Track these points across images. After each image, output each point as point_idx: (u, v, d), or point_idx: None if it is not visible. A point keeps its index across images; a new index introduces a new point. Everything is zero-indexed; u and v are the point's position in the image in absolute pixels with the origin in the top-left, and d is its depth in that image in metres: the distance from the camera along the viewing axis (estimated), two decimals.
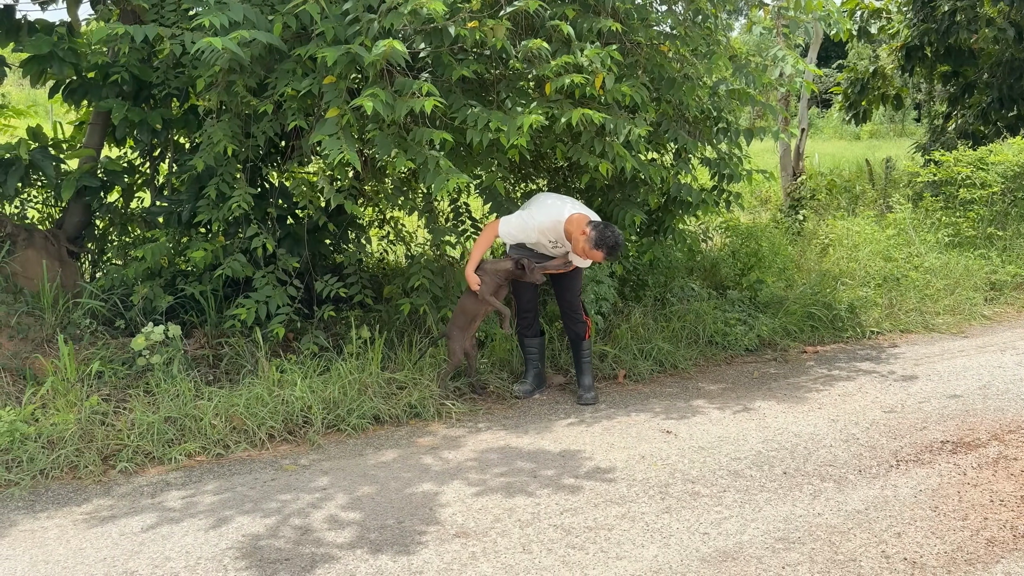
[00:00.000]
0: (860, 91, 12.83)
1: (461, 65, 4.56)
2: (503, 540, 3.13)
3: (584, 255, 4.47)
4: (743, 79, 5.62)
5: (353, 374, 4.56)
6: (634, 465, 3.86)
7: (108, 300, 5.42)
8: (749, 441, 4.16)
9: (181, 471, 3.83)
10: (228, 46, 4.15)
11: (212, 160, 5.01)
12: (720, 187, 6.06)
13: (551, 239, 4.63)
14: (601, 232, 4.36)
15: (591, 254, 4.41)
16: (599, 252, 4.37)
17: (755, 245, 7.31)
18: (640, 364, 5.39)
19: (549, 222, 4.55)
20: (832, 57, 25.32)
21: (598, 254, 4.39)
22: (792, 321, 6.28)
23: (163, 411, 4.13)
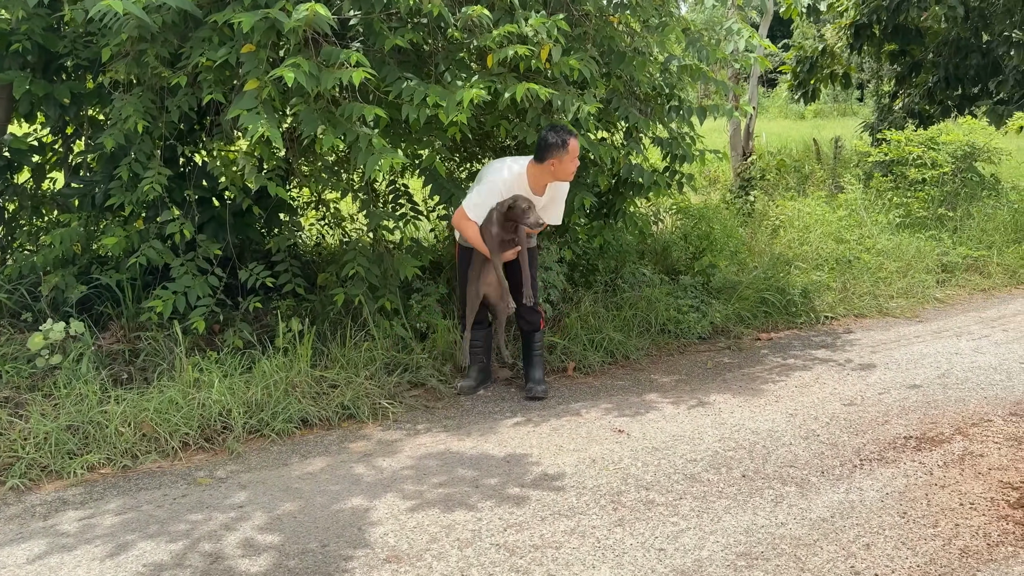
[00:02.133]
0: (809, 70, 12.71)
1: (395, 34, 4.19)
2: (439, 564, 2.82)
3: (567, 169, 4.30)
4: (696, 54, 5.34)
5: (280, 372, 4.19)
6: (584, 470, 3.58)
7: (15, 291, 4.95)
8: (705, 440, 3.91)
9: (81, 486, 3.42)
10: (132, 10, 3.72)
11: (123, 138, 4.56)
12: (672, 168, 5.79)
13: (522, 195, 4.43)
14: (557, 133, 4.24)
15: (570, 161, 4.28)
16: (571, 144, 4.24)
17: (707, 227, 7.09)
18: (590, 355, 5.12)
19: (513, 175, 4.35)
20: (778, 36, 25.35)
21: (573, 148, 4.25)
22: (745, 307, 6.07)
23: (64, 418, 3.72)
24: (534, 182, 4.35)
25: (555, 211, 4.55)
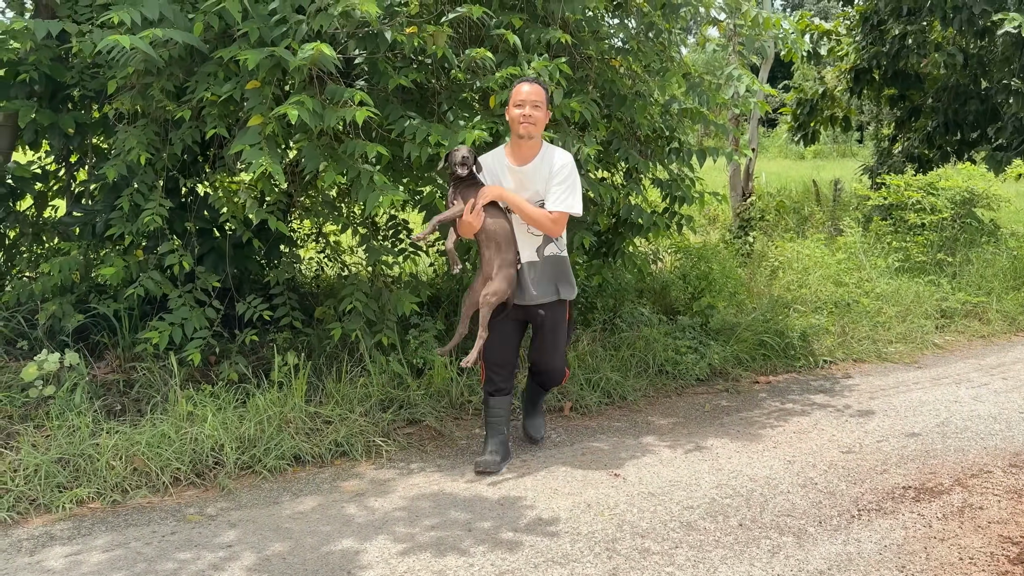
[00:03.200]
0: (809, 112, 12.81)
1: (399, 73, 4.22)
2: None
3: (511, 114, 3.87)
4: (696, 98, 5.38)
5: (274, 407, 4.16)
6: (579, 515, 3.54)
7: (12, 318, 4.93)
8: (702, 486, 3.87)
9: (70, 521, 3.38)
10: (138, 45, 3.75)
11: (125, 169, 4.58)
12: (672, 209, 5.81)
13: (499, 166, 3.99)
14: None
15: (513, 106, 3.85)
16: (518, 86, 3.88)
17: (705, 267, 7.09)
18: (588, 395, 5.09)
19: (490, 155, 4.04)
20: (778, 77, 25.58)
21: (518, 90, 3.86)
22: (744, 349, 6.04)
23: (55, 450, 3.68)
24: (510, 149, 3.96)
25: (553, 190, 3.85)
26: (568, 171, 3.86)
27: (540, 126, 3.83)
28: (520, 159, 3.89)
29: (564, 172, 3.85)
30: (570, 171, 3.87)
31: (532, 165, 3.88)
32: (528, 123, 3.77)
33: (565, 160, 3.88)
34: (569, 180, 3.84)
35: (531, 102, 3.76)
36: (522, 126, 3.78)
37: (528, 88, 3.80)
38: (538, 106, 3.79)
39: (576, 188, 3.86)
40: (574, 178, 3.87)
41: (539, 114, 3.79)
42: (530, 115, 3.76)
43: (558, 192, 3.84)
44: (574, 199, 3.86)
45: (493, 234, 3.85)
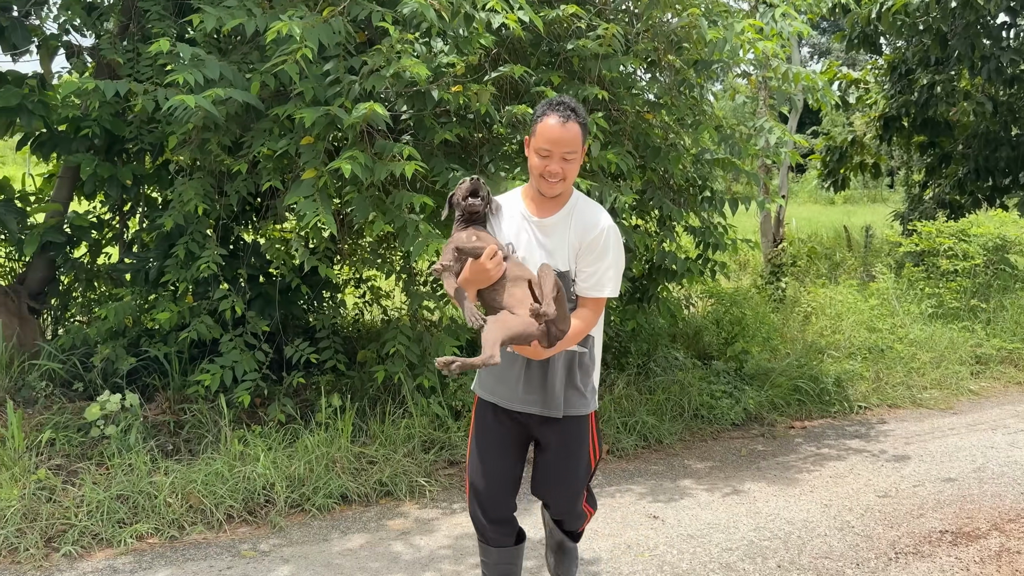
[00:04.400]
0: (838, 159, 12.92)
1: (444, 129, 4.43)
2: None
3: (532, 161, 2.71)
4: (728, 148, 5.54)
5: (321, 448, 4.31)
6: (619, 556, 3.62)
7: (68, 360, 5.15)
8: (740, 529, 3.94)
9: (131, 555, 3.54)
10: (202, 104, 3.99)
11: (182, 219, 4.82)
12: (705, 256, 5.94)
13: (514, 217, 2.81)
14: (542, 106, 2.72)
15: (537, 148, 2.68)
16: (544, 120, 2.66)
17: (738, 313, 7.19)
18: (624, 438, 5.18)
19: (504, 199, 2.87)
20: (806, 124, 25.74)
21: (544, 128, 2.65)
22: (778, 394, 6.10)
23: (115, 487, 3.85)
24: (529, 193, 2.81)
25: (589, 266, 2.71)
26: (612, 241, 2.72)
27: (571, 180, 2.71)
28: (541, 210, 2.74)
29: (606, 242, 2.71)
30: (615, 241, 2.74)
31: (557, 219, 2.73)
32: (552, 184, 2.66)
33: (605, 224, 2.73)
34: (612, 254, 2.72)
35: (561, 153, 2.63)
36: (546, 183, 2.67)
37: (560, 130, 2.62)
38: (570, 157, 2.65)
39: (621, 263, 2.76)
40: (619, 251, 2.75)
41: (571, 167, 2.67)
42: (557, 172, 2.64)
43: (598, 270, 2.70)
44: (618, 279, 2.76)
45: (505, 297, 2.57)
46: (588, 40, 4.59)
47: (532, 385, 2.73)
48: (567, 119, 2.63)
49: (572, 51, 4.69)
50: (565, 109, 2.64)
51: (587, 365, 2.79)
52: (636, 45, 5.01)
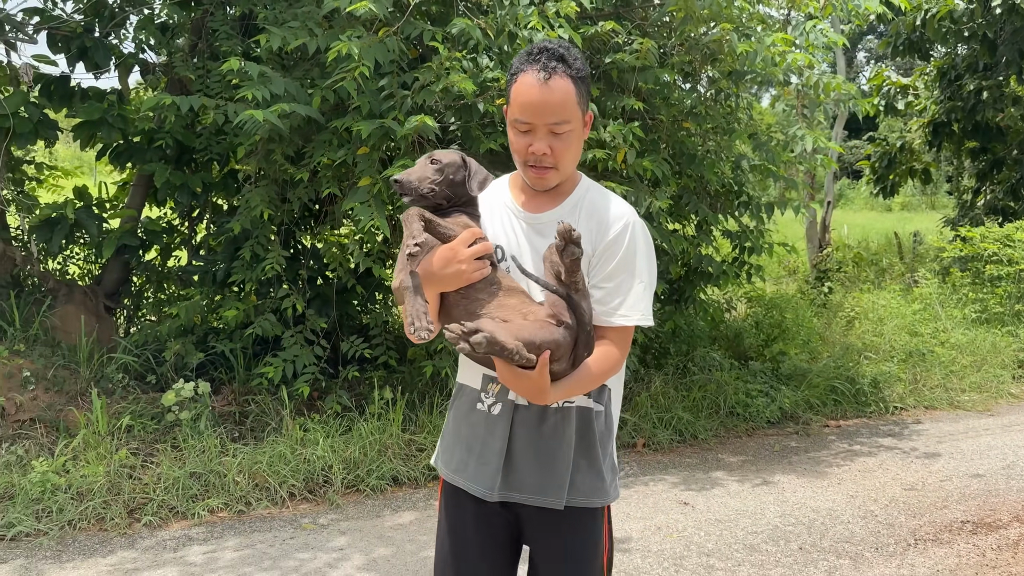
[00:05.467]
0: (887, 165, 12.92)
1: (489, 138, 4.73)
2: None
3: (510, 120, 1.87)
4: (764, 155, 5.75)
5: (374, 435, 4.64)
6: (650, 536, 3.88)
7: (141, 355, 5.58)
8: (766, 515, 4.16)
9: (203, 526, 3.91)
10: (269, 118, 4.37)
11: (249, 223, 5.21)
12: (741, 259, 6.15)
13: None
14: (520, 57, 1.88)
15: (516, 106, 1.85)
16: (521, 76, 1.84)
17: (779, 316, 7.35)
18: (660, 433, 5.41)
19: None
20: (863, 129, 25.51)
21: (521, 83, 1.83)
22: (815, 394, 6.27)
23: (189, 466, 4.24)
24: (517, 183, 2.02)
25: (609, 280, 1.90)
26: (640, 243, 1.92)
27: (568, 165, 1.90)
28: (535, 203, 1.95)
29: (631, 245, 1.90)
30: (643, 243, 1.93)
31: (557, 215, 1.93)
32: (541, 171, 1.87)
33: (627, 219, 1.92)
34: (640, 260, 1.92)
35: (545, 125, 1.82)
36: (533, 174, 1.88)
37: (539, 91, 1.80)
38: (561, 130, 1.83)
39: (652, 273, 1.95)
40: (649, 257, 1.95)
41: (564, 145, 1.86)
42: (544, 153, 1.84)
43: (620, 286, 1.90)
44: (649, 298, 1.93)
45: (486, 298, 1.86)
46: (625, 54, 4.86)
47: (522, 458, 1.91)
48: (550, 74, 1.79)
49: (610, 64, 4.96)
50: (549, 59, 1.80)
51: (603, 430, 1.96)
52: (672, 58, 5.27)
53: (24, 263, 5.99)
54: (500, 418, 1.90)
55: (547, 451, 1.91)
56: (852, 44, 31.03)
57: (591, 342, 1.83)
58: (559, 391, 1.81)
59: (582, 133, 1.91)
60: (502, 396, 1.91)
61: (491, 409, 1.92)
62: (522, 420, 1.91)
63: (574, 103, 1.83)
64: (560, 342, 1.76)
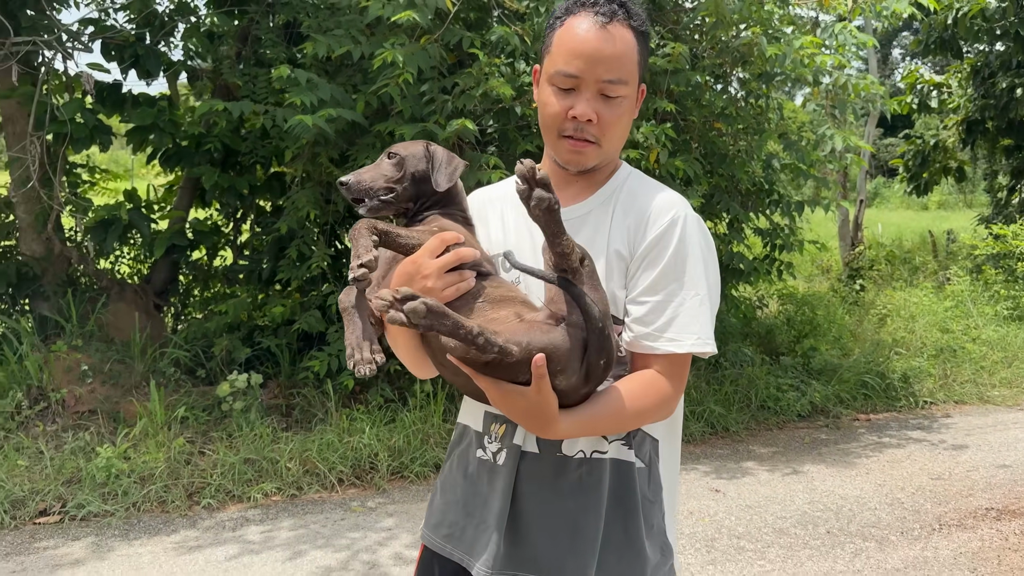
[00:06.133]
0: (921, 163, 12.90)
1: (525, 140, 4.92)
2: None
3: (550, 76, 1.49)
4: (793, 155, 5.88)
5: (416, 424, 4.85)
6: (682, 520, 4.04)
7: (191, 350, 5.84)
8: (796, 502, 4.30)
9: (259, 509, 4.14)
10: (317, 123, 4.59)
11: (295, 223, 5.44)
12: (772, 256, 6.28)
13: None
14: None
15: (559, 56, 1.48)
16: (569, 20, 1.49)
17: (810, 313, 7.46)
18: (692, 425, 5.56)
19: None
20: (898, 127, 25.31)
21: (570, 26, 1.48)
22: (845, 389, 6.38)
23: (243, 453, 4.47)
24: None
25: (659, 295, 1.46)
26: (695, 243, 1.50)
27: (615, 142, 1.54)
28: (559, 197, 1.36)
29: (683, 244, 1.49)
30: (700, 244, 1.51)
31: (588, 208, 1.56)
32: (579, 144, 1.50)
33: (678, 211, 1.51)
34: (696, 265, 1.49)
35: (598, 80, 1.46)
36: (566, 145, 1.51)
37: (598, 36, 1.46)
38: (615, 92, 1.47)
39: (715, 283, 1.52)
40: (710, 261, 1.53)
41: (615, 113, 1.49)
42: (590, 116, 1.47)
43: (671, 297, 1.47)
44: (708, 316, 1.49)
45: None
46: (657, 58, 5.02)
47: (532, 524, 1.48)
48: (611, 19, 1.45)
49: None
50: (608, 1, 1.46)
51: (647, 494, 1.51)
52: (703, 60, 5.42)
53: (79, 263, 6.28)
54: (504, 469, 1.48)
55: (566, 516, 1.45)
56: (886, 41, 30.81)
57: (607, 345, 1.33)
58: (574, 422, 1.34)
59: (634, 106, 1.52)
60: (508, 441, 1.49)
61: (495, 458, 1.50)
62: (531, 472, 1.47)
63: (634, 62, 1.47)
64: (558, 344, 1.30)
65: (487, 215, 1.66)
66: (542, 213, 1.30)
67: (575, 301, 1.35)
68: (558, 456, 1.48)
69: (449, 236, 1.45)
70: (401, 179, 1.55)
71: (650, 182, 1.59)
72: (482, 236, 1.62)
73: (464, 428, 1.63)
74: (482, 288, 1.45)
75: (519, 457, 1.48)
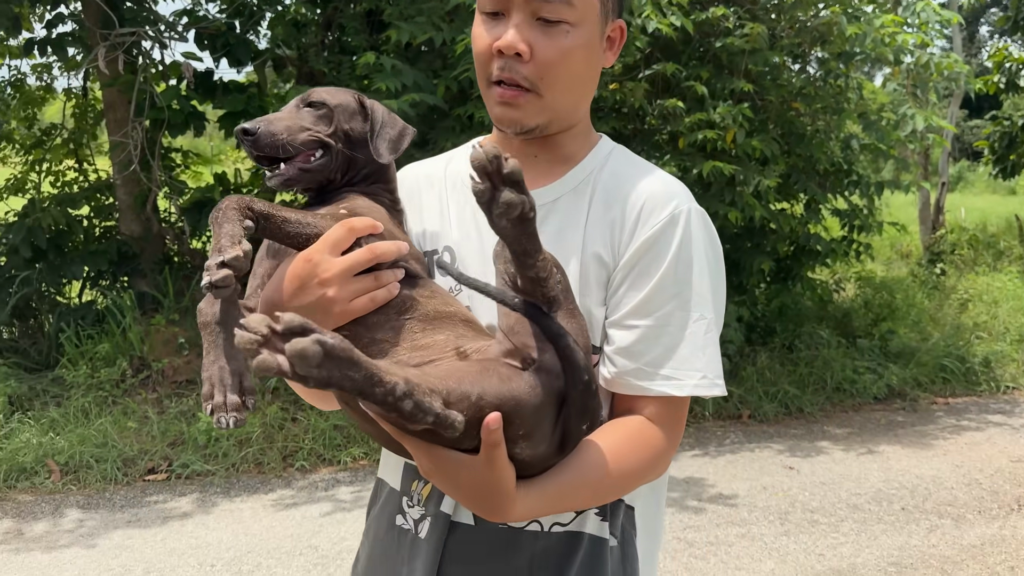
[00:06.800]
0: (1008, 145, 12.48)
1: (600, 122, 5.02)
2: None
3: None
4: (873, 135, 5.83)
5: None
6: (756, 494, 4.12)
7: None
8: (870, 479, 4.33)
9: (348, 471, 4.38)
10: (401, 107, 4.78)
11: None
12: (850, 237, 6.24)
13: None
14: None
15: None
16: None
17: (888, 296, 7.37)
18: (765, 405, 5.60)
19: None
20: (984, 108, 24.40)
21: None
22: (923, 372, 6.31)
23: (332, 420, 4.71)
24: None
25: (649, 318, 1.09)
26: (698, 248, 1.11)
27: (557, 89, 1.10)
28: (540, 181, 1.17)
29: (682, 251, 1.10)
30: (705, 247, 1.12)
31: (555, 193, 1.16)
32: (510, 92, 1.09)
33: (679, 205, 1.11)
34: (701, 281, 1.11)
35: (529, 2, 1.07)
36: (494, 94, 1.11)
37: None
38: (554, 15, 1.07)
39: (720, 299, 1.15)
40: (714, 275, 1.13)
41: (550, 48, 1.07)
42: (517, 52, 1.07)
43: (664, 324, 1.09)
44: (715, 346, 1.11)
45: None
46: (735, 38, 5.05)
47: None
48: None
49: (721, 48, 5.16)
50: None
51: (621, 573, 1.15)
52: (781, 40, 5.42)
53: (174, 242, 6.63)
54: (426, 545, 1.13)
55: None
56: (973, 18, 29.62)
57: (593, 405, 1.00)
58: (537, 501, 0.98)
59: (598, 48, 1.12)
60: (434, 507, 1.13)
61: (417, 528, 1.15)
62: (463, 550, 1.12)
63: None
64: (522, 398, 0.93)
65: (421, 200, 1.24)
66: (511, 224, 0.89)
67: (552, 342, 0.97)
68: (501, 529, 1.09)
69: (360, 223, 1.04)
70: (333, 135, 1.13)
71: (640, 163, 1.19)
72: (413, 228, 1.21)
73: (380, 484, 1.26)
74: (410, 300, 1.04)
75: (447, 529, 1.11)
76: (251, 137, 1.08)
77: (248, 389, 0.98)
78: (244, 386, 0.98)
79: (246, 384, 0.98)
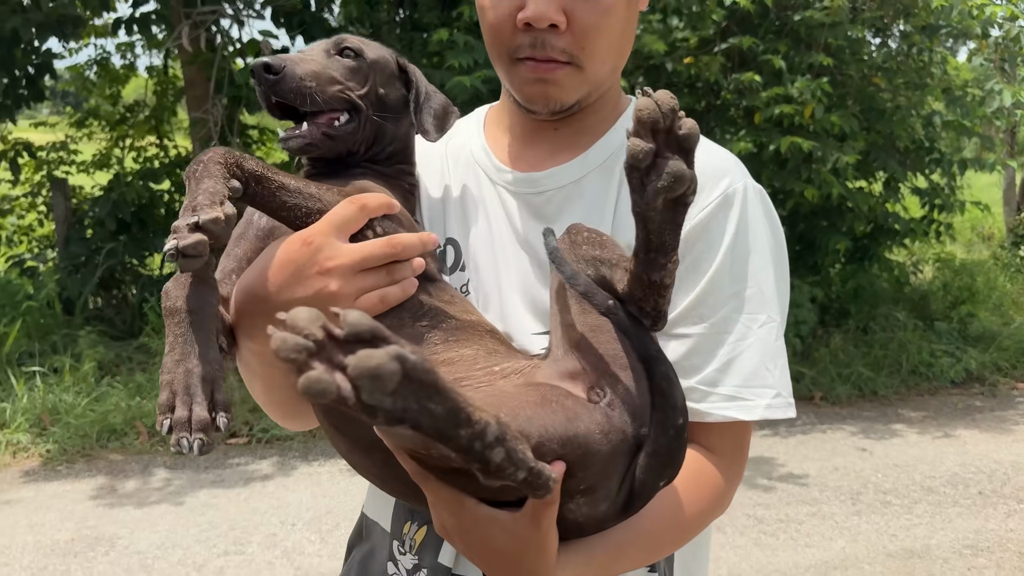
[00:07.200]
0: None
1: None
2: None
3: None
4: (957, 111, 5.65)
5: None
6: (827, 475, 4.08)
7: None
8: (946, 463, 4.25)
9: None
10: (474, 83, 4.82)
11: None
12: (930, 217, 6.07)
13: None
14: None
15: None
16: None
17: (968, 279, 7.15)
18: (838, 387, 5.51)
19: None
20: None
21: None
22: (1004, 357, 6.12)
23: None
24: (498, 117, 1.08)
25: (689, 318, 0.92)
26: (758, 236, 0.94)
27: (598, 58, 0.93)
28: (531, 155, 1.02)
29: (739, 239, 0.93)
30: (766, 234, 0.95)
31: (576, 171, 0.98)
32: (543, 66, 0.92)
33: (733, 182, 0.94)
34: (764, 275, 0.93)
35: None
36: (522, 71, 0.93)
37: None
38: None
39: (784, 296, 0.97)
40: (779, 267, 0.96)
41: (591, 14, 0.90)
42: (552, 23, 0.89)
43: (721, 329, 0.91)
44: (784, 358, 0.94)
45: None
46: (815, 11, 4.94)
47: None
48: None
49: (799, 21, 5.05)
50: None
51: None
52: (863, 14, 5.27)
53: None
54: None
55: None
56: None
57: (678, 459, 0.81)
58: (582, 566, 0.82)
59: (636, 5, 0.97)
60: (429, 556, 0.96)
61: None
62: None
63: None
64: (596, 444, 0.74)
65: (453, 179, 1.04)
66: (664, 207, 0.72)
67: (645, 367, 0.77)
68: None
69: (374, 200, 0.85)
70: (365, 96, 0.93)
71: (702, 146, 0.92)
72: (435, 208, 1.04)
73: (366, 521, 1.08)
74: (427, 303, 0.86)
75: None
76: (274, 76, 0.87)
77: (221, 403, 0.75)
78: (216, 398, 0.75)
79: (218, 396, 0.75)
